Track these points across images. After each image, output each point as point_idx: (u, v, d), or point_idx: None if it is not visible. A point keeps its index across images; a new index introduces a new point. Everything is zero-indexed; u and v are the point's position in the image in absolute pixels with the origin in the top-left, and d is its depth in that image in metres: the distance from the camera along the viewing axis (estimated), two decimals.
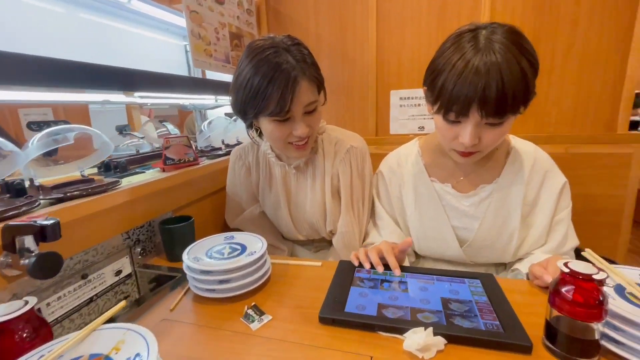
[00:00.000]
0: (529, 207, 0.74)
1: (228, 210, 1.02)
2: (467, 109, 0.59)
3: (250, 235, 0.74)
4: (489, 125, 0.62)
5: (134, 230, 0.79)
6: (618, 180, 1.06)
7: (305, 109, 0.73)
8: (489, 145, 0.65)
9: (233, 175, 0.98)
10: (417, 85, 1.23)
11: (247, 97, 0.71)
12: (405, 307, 0.56)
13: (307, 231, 0.94)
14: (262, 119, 0.75)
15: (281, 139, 0.76)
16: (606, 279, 0.41)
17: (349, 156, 0.86)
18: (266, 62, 0.68)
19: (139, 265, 0.80)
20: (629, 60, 1.00)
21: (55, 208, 0.61)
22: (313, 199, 0.88)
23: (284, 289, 0.66)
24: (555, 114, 1.10)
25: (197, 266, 0.62)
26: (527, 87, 0.58)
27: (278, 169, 0.90)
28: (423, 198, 0.80)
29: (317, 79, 0.75)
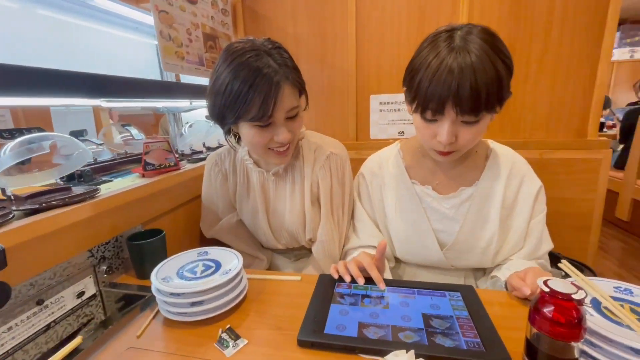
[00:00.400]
0: (507, 211, 0.75)
1: (204, 219, 0.97)
2: (442, 107, 0.61)
3: (225, 251, 0.71)
4: (465, 124, 0.63)
5: (98, 247, 0.74)
6: (588, 184, 1.10)
7: (287, 114, 0.72)
8: (466, 144, 0.66)
9: (209, 182, 0.94)
10: (396, 90, 1.22)
11: (226, 102, 0.68)
12: (386, 326, 0.54)
13: (286, 239, 0.91)
14: (242, 125, 0.73)
15: (262, 145, 0.74)
16: (585, 298, 0.41)
17: (328, 163, 0.85)
18: (246, 66, 0.66)
19: (105, 285, 0.75)
20: (598, 69, 1.04)
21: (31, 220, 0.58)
22: (292, 206, 0.86)
23: (262, 307, 0.63)
24: (530, 120, 1.13)
25: (166, 288, 0.58)
26: (500, 85, 0.59)
27: (256, 175, 0.87)
28: (404, 200, 0.80)
29: (299, 83, 0.73)
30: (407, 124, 1.24)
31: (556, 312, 0.43)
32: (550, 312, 0.43)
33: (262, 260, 0.97)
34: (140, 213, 0.85)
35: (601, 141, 1.08)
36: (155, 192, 0.89)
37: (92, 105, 1.22)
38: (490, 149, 0.78)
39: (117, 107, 1.71)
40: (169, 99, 1.16)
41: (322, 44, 1.26)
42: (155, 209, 0.91)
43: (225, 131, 0.79)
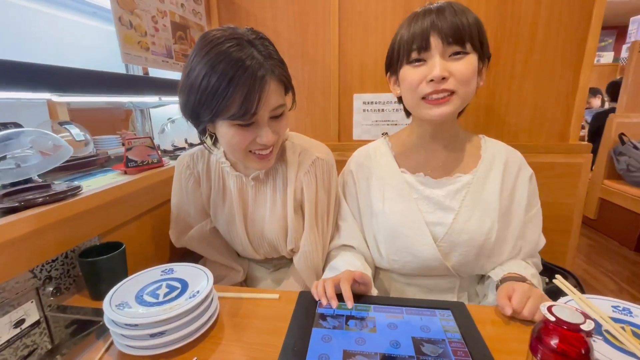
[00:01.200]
0: (506, 202, 0.71)
1: (173, 227, 0.88)
2: (427, 40, 0.61)
3: (193, 268, 0.63)
4: (454, 59, 0.62)
5: (42, 266, 0.64)
6: (569, 188, 1.10)
7: (272, 113, 0.64)
8: (461, 81, 0.62)
9: (179, 186, 0.84)
10: (380, 89, 1.17)
11: (201, 98, 0.60)
12: (374, 355, 0.49)
13: (266, 250, 0.84)
14: (219, 124, 0.64)
15: (242, 148, 0.66)
16: (593, 329, 0.37)
17: (314, 168, 0.77)
18: (226, 57, 0.57)
19: (52, 309, 0.65)
20: (580, 73, 1.03)
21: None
22: (273, 214, 0.79)
23: (235, 334, 0.56)
24: (514, 123, 1.11)
25: (121, 318, 0.50)
26: (479, 22, 0.63)
27: (233, 180, 0.79)
28: (392, 191, 0.74)
29: (286, 78, 0.66)
30: (390, 125, 1.19)
31: (561, 343, 0.39)
32: (555, 343, 0.39)
33: (239, 271, 0.89)
34: (97, 223, 0.75)
35: (582, 145, 1.08)
36: (116, 198, 0.80)
37: (45, 99, 1.09)
38: (483, 139, 0.77)
39: (77, 102, 1.56)
40: (133, 94, 1.05)
41: (303, 38, 1.19)
42: (115, 217, 0.81)
43: (200, 131, 0.69)
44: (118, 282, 0.58)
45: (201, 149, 0.82)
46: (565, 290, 0.52)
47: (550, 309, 0.40)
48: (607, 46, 5.22)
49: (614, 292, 1.91)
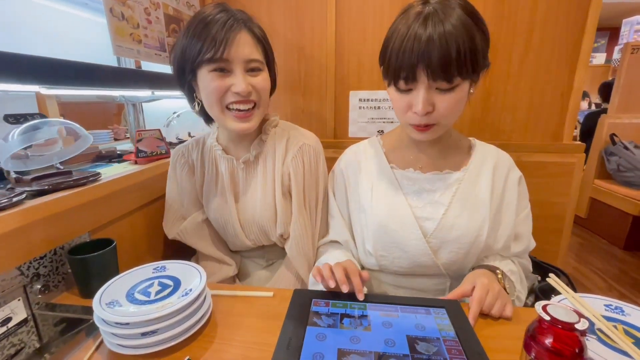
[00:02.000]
0: (497, 202, 0.70)
1: (167, 218, 0.88)
2: (413, 72, 0.59)
3: (186, 266, 0.62)
4: (440, 92, 0.60)
5: (30, 263, 0.62)
6: (562, 188, 1.11)
7: (247, 65, 0.69)
8: (445, 115, 0.62)
9: (174, 176, 0.87)
10: (377, 86, 1.17)
11: (183, 48, 0.68)
12: (368, 353, 0.48)
13: (256, 235, 0.84)
14: (199, 75, 0.69)
15: (218, 98, 0.69)
16: (588, 328, 0.38)
17: (301, 154, 0.80)
18: (206, 16, 0.67)
19: (40, 307, 0.63)
20: (576, 73, 1.04)
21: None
22: (263, 197, 0.80)
23: (228, 332, 0.55)
24: (509, 122, 1.12)
25: (112, 317, 0.48)
26: (474, 48, 0.58)
27: (225, 164, 0.82)
28: (382, 185, 0.74)
29: (262, 37, 0.72)
30: (386, 122, 1.19)
31: (556, 342, 0.39)
32: (550, 342, 0.39)
33: (231, 265, 0.89)
34: (87, 219, 0.74)
35: (575, 145, 1.09)
36: (106, 195, 0.78)
37: (33, 91, 1.06)
38: (473, 141, 0.77)
39: (68, 95, 1.53)
40: (125, 88, 1.02)
41: (300, 34, 1.17)
42: (107, 213, 0.79)
43: (187, 93, 0.76)
44: (109, 280, 0.57)
45: (196, 140, 0.86)
46: (559, 289, 0.52)
47: (545, 308, 0.40)
48: (600, 47, 5.29)
49: (603, 290, 1.94)
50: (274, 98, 1.23)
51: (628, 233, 2.34)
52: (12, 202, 0.58)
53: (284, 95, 1.23)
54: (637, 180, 2.33)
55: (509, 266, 0.69)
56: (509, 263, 0.71)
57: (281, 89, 1.22)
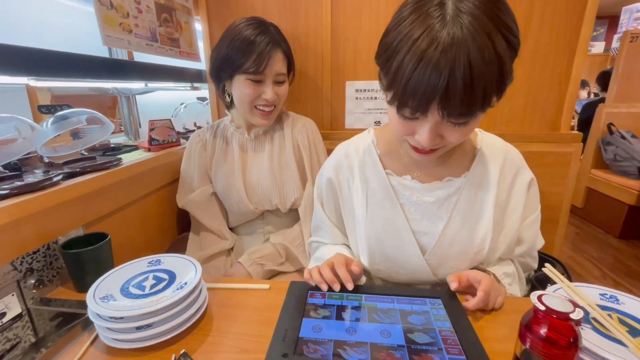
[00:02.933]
0: (501, 209, 0.65)
1: (180, 189, 1.00)
2: (425, 107, 0.47)
3: (181, 259, 0.62)
4: (452, 124, 0.51)
5: (23, 258, 0.62)
6: (559, 178, 1.10)
7: (276, 77, 0.86)
8: (453, 144, 0.56)
9: (189, 153, 0.99)
10: (373, 76, 1.15)
11: (228, 53, 0.82)
12: (364, 345, 0.48)
13: (259, 198, 0.94)
14: (236, 79, 0.85)
15: (250, 99, 0.85)
16: (582, 317, 0.38)
17: (305, 129, 0.98)
18: (249, 29, 0.82)
19: (35, 302, 0.63)
20: (574, 61, 1.02)
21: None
22: (270, 167, 0.93)
23: (224, 325, 0.55)
24: (507, 112, 1.11)
25: (106, 311, 0.48)
26: (501, 74, 0.46)
27: (237, 138, 0.97)
28: (376, 195, 0.67)
29: (289, 56, 0.90)
30: (383, 113, 1.18)
31: (550, 331, 0.39)
32: (544, 331, 0.39)
33: (227, 239, 0.96)
34: (80, 213, 0.73)
35: (573, 135, 1.09)
36: (99, 188, 0.77)
37: (23, 84, 1.04)
38: (479, 138, 0.69)
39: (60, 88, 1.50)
40: (116, 79, 1.01)
41: (295, 24, 1.15)
42: (101, 207, 0.79)
43: (220, 89, 0.92)
44: (104, 274, 0.56)
45: (211, 125, 1.01)
46: (554, 278, 0.52)
47: (540, 298, 0.40)
48: (599, 36, 5.24)
49: (598, 279, 1.96)
50: None
51: (624, 222, 2.36)
52: (52, 182, 0.67)
53: None
54: (633, 169, 2.34)
55: (504, 269, 0.66)
56: (506, 266, 0.68)
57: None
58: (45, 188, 0.64)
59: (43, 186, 0.64)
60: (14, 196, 0.60)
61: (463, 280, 0.58)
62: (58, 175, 0.70)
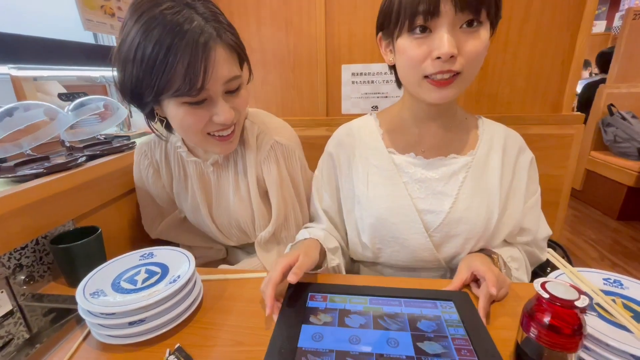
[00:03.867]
0: (504, 190, 0.64)
1: (145, 218, 0.85)
2: (435, 4, 0.50)
3: (174, 252, 0.60)
4: (464, 33, 0.53)
5: (10, 254, 0.60)
6: (560, 160, 1.08)
7: (226, 86, 0.57)
8: (471, 60, 0.54)
9: (140, 177, 0.81)
10: (370, 59, 1.11)
11: (139, 73, 0.53)
12: (369, 356, 0.44)
13: (237, 236, 0.80)
14: (166, 103, 0.57)
15: (198, 129, 0.59)
16: (588, 305, 0.36)
17: (274, 153, 0.71)
18: (161, 22, 0.50)
19: (26, 298, 0.62)
20: (577, 39, 0.99)
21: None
22: (239, 200, 0.74)
23: (219, 317, 0.54)
24: (507, 94, 1.08)
25: (96, 308, 0.47)
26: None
27: (192, 167, 0.74)
28: (378, 173, 0.66)
29: (237, 45, 0.58)
30: (381, 97, 1.14)
31: (555, 319, 0.37)
32: (548, 320, 0.38)
33: (220, 249, 0.87)
34: (69, 207, 0.71)
35: (575, 116, 1.06)
36: (88, 181, 0.75)
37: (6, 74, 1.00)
38: (480, 120, 0.70)
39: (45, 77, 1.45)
40: (103, 66, 0.97)
41: (286, 5, 1.10)
42: (90, 200, 0.76)
43: (147, 114, 0.62)
44: (94, 269, 0.55)
45: (157, 139, 0.75)
46: (557, 264, 0.51)
47: (543, 286, 0.39)
48: (600, 14, 5.13)
49: (596, 260, 1.98)
50: (263, 75, 1.18)
51: (622, 203, 2.36)
52: (77, 162, 0.73)
53: (273, 71, 1.17)
54: (633, 150, 2.32)
55: (510, 252, 0.65)
56: (512, 249, 0.67)
57: (270, 64, 1.16)
58: (71, 168, 0.72)
59: (70, 166, 0.72)
60: (46, 175, 0.68)
61: (468, 279, 0.57)
62: (82, 157, 0.77)
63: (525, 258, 0.69)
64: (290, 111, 1.20)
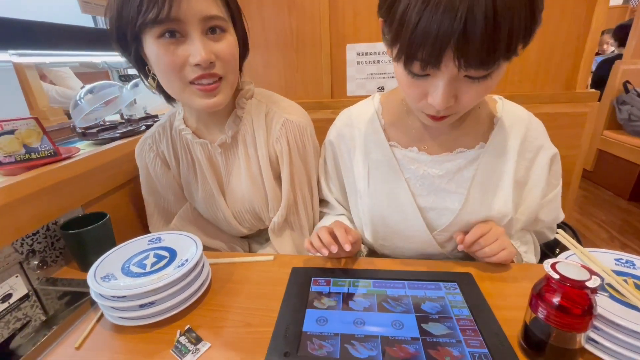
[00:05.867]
0: (519, 185, 0.61)
1: (154, 220, 0.79)
2: (438, 58, 0.40)
3: (182, 236, 0.60)
4: (470, 79, 0.44)
5: (23, 240, 0.61)
6: (572, 140, 1.05)
7: (205, 24, 0.53)
8: (468, 106, 0.49)
9: (147, 174, 0.75)
10: (376, 38, 1.07)
11: (118, 6, 0.51)
12: (374, 338, 0.44)
13: (250, 222, 0.77)
14: (146, 43, 0.54)
15: (175, 70, 0.55)
16: (599, 285, 0.36)
17: (284, 132, 0.68)
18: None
19: (41, 282, 0.63)
20: (594, 11, 0.94)
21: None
22: (251, 182, 0.71)
23: (228, 300, 0.55)
24: (518, 72, 1.04)
25: (107, 290, 0.48)
26: (532, 12, 0.39)
27: (199, 150, 0.70)
28: (379, 168, 0.63)
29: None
30: (387, 77, 1.11)
31: (564, 300, 0.37)
32: (558, 300, 0.37)
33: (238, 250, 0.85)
34: (79, 193, 0.72)
35: (589, 93, 1.02)
36: (98, 166, 0.76)
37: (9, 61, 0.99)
38: (499, 104, 0.62)
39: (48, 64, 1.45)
40: (103, 50, 0.95)
41: None
42: (99, 186, 0.77)
43: (136, 65, 0.60)
44: (104, 254, 0.56)
45: (162, 125, 0.74)
46: (567, 245, 0.50)
47: (554, 267, 0.38)
48: None
49: (605, 241, 1.96)
50: (266, 57, 1.16)
51: (635, 184, 2.31)
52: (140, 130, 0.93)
53: (275, 53, 1.14)
54: None
55: (520, 237, 0.64)
56: (521, 233, 0.65)
57: (272, 45, 1.13)
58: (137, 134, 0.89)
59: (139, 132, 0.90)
60: (119, 139, 0.88)
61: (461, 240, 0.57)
62: (141, 126, 0.99)
63: (535, 239, 0.68)
64: (294, 94, 1.18)
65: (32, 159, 0.66)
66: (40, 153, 0.67)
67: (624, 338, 0.38)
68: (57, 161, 0.69)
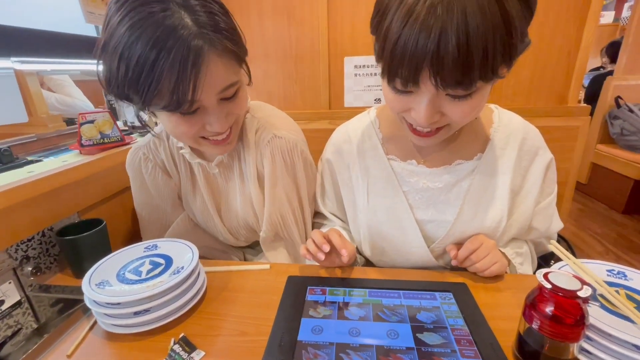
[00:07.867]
0: (514, 194, 0.61)
1: (145, 231, 0.77)
2: (415, 75, 0.41)
3: (178, 243, 0.60)
4: (452, 97, 0.45)
5: (17, 246, 0.61)
6: (565, 153, 1.07)
7: (222, 94, 0.52)
8: (458, 121, 0.49)
9: (141, 184, 0.72)
10: (372, 51, 1.10)
11: (127, 75, 0.47)
12: (369, 348, 0.44)
13: (245, 236, 0.77)
14: (157, 112, 0.54)
15: (190, 136, 0.55)
16: (591, 295, 0.36)
17: (270, 149, 0.66)
18: (151, 24, 0.44)
19: (34, 289, 0.63)
20: (584, 29, 0.97)
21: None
22: (245, 200, 0.71)
23: (223, 308, 0.55)
24: (512, 85, 1.06)
25: (102, 297, 0.47)
26: (509, 36, 0.39)
27: (197, 169, 0.70)
28: (377, 183, 0.64)
29: (235, 49, 0.51)
30: None
31: (557, 310, 0.37)
32: (551, 310, 0.38)
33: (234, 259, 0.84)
34: (75, 200, 0.72)
35: (581, 107, 1.05)
36: (93, 174, 0.76)
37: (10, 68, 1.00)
38: (494, 114, 0.63)
39: (49, 72, 1.46)
40: None
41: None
42: (96, 193, 0.77)
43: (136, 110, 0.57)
44: (99, 261, 0.56)
45: (158, 139, 0.71)
46: (560, 255, 0.51)
47: (546, 276, 0.39)
48: (609, 5, 5.01)
49: (600, 254, 1.96)
50: (265, 68, 1.18)
51: (628, 197, 2.34)
52: None
53: (274, 64, 1.16)
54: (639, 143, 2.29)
55: (515, 248, 0.63)
56: (518, 245, 0.65)
57: (272, 57, 1.15)
58: None
59: None
60: None
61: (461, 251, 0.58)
62: None
63: (532, 249, 0.68)
64: (292, 104, 1.20)
65: (105, 143, 0.83)
66: (111, 138, 0.84)
67: (616, 348, 0.38)
68: (123, 145, 0.86)
